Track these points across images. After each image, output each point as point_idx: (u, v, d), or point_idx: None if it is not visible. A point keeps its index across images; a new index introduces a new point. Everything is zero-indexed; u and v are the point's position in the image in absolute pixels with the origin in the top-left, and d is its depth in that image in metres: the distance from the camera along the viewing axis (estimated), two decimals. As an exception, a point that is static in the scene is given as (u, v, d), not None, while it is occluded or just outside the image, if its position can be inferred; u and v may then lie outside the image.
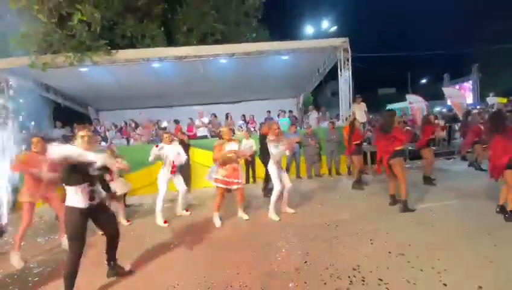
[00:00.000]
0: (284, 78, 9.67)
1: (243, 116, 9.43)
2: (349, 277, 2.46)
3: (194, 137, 7.99)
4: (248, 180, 6.87)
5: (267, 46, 7.67)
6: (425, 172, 5.64)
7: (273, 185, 4.24)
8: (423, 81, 29.66)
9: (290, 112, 10.12)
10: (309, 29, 14.26)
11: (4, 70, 6.78)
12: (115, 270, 2.80)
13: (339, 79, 8.20)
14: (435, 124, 5.74)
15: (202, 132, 8.43)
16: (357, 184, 5.69)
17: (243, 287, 2.44)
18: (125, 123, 9.60)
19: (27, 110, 6.92)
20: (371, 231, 3.42)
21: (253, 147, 5.52)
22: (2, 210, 4.38)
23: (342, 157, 7.30)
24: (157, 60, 7.52)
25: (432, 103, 15.05)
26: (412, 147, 8.81)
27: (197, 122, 8.55)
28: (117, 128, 9.45)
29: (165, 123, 8.98)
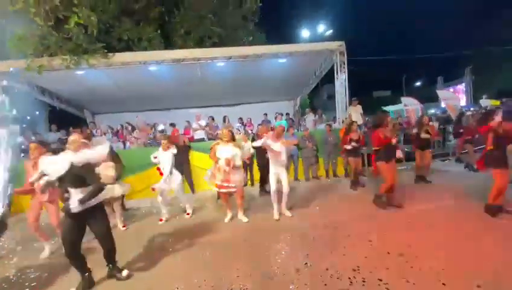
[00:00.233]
0: (281, 81, 9.74)
1: (240, 119, 9.44)
2: (349, 278, 2.47)
3: (192, 140, 7.97)
4: (246, 183, 6.86)
5: (264, 49, 7.74)
6: (419, 172, 5.81)
7: (270, 187, 4.30)
8: (417, 83, 30.08)
9: (287, 115, 10.17)
10: (305, 33, 14.40)
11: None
12: (112, 273, 2.81)
13: (336, 82, 8.29)
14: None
15: (199, 134, 8.42)
16: (353, 185, 5.79)
17: (243, 290, 2.44)
18: (122, 126, 9.53)
19: (22, 114, 6.84)
20: (370, 231, 3.44)
21: (251, 150, 5.52)
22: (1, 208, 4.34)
23: (339, 159, 7.34)
24: (154, 63, 7.51)
25: (426, 105, 15.24)
26: (408, 149, 8.94)
27: (194, 125, 8.54)
28: (113, 131, 9.39)
29: (161, 126, 8.94)
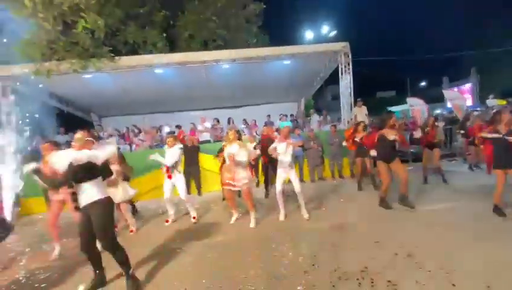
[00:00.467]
0: (285, 82, 9.75)
1: (244, 120, 9.48)
2: (357, 279, 2.46)
3: (197, 142, 8.02)
4: (257, 183, 6.82)
5: (269, 51, 7.76)
6: (426, 173, 5.82)
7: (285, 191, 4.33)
8: (422, 84, 29.80)
9: (292, 116, 10.17)
10: (309, 34, 14.40)
11: (8, 77, 6.85)
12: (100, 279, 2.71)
13: (340, 83, 8.27)
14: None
15: (205, 136, 8.47)
16: (359, 187, 5.77)
17: (251, 291, 2.44)
18: (128, 129, 9.63)
19: (31, 117, 6.95)
20: (377, 232, 3.42)
21: (257, 151, 5.53)
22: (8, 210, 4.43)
23: (345, 161, 7.32)
24: (160, 66, 7.59)
25: (432, 106, 15.10)
26: (414, 150, 8.86)
27: (200, 127, 8.60)
28: (119, 134, 9.49)
29: (167, 128, 9.02)
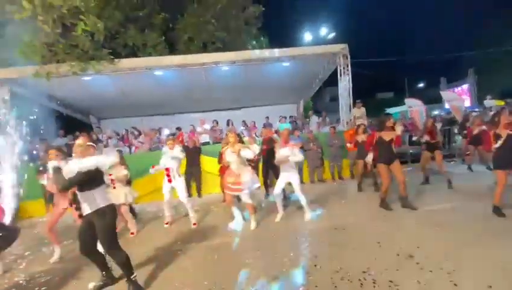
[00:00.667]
0: (285, 84, 9.79)
1: (244, 122, 9.49)
2: (359, 280, 2.46)
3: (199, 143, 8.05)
4: (259, 185, 6.84)
5: (268, 53, 7.79)
6: (426, 173, 5.81)
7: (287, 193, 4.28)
8: (420, 85, 29.95)
9: (291, 118, 10.19)
10: (308, 36, 14.47)
11: (8, 80, 6.84)
12: (104, 281, 2.73)
13: (339, 84, 8.31)
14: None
15: (204, 138, 8.48)
16: (359, 188, 5.77)
17: (254, 292, 2.44)
18: (127, 131, 9.62)
19: (30, 120, 6.94)
20: (378, 233, 3.43)
21: (257, 152, 5.53)
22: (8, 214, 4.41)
23: (344, 162, 7.33)
24: (160, 68, 7.61)
25: (430, 107, 15.17)
26: (413, 151, 8.89)
27: (199, 129, 8.60)
28: (118, 136, 9.48)
29: (167, 130, 9.02)
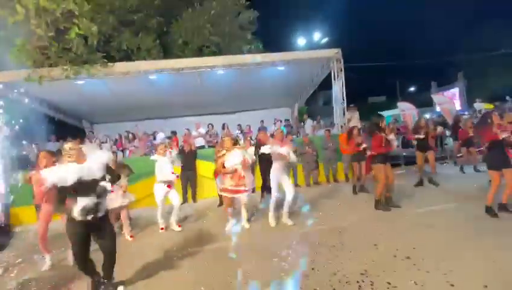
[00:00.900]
0: (279, 88, 9.84)
1: (239, 126, 9.49)
2: (357, 282, 2.47)
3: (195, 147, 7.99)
4: (254, 189, 6.83)
5: (262, 57, 7.84)
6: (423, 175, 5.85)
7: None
8: (412, 89, 30.50)
9: (286, 121, 10.25)
10: (301, 41, 14.65)
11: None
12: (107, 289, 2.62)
13: (333, 88, 8.41)
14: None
15: (199, 142, 8.43)
16: (354, 190, 5.82)
17: (252, 296, 2.43)
18: (120, 136, 9.52)
19: (20, 125, 6.79)
20: (375, 235, 3.46)
21: (253, 157, 5.54)
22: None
23: (339, 165, 7.38)
24: (154, 72, 7.57)
25: (421, 110, 15.45)
26: (406, 153, 9.03)
27: (194, 133, 8.56)
28: (112, 141, 9.36)
29: (162, 135, 8.95)
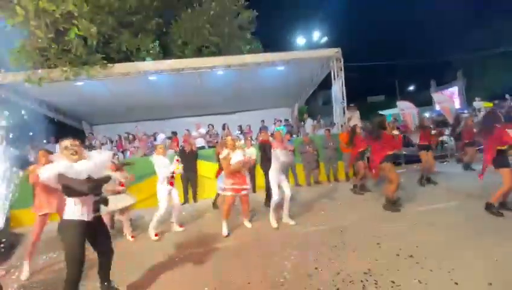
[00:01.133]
0: (279, 88, 9.85)
1: (239, 126, 9.48)
2: (361, 281, 2.46)
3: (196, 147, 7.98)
4: (253, 190, 6.82)
5: (262, 57, 7.85)
6: (425, 173, 5.77)
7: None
8: (411, 88, 30.51)
9: (286, 120, 10.24)
10: (300, 41, 14.65)
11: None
12: None
13: (332, 88, 8.41)
14: (429, 128, 5.94)
15: (199, 142, 8.42)
16: (358, 190, 5.78)
17: (256, 296, 2.41)
18: (119, 137, 9.50)
19: (20, 126, 6.78)
20: (377, 234, 3.44)
21: (254, 156, 5.53)
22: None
23: (340, 164, 7.38)
24: (154, 73, 7.56)
25: (421, 109, 15.46)
26: (407, 152, 9.03)
27: (194, 134, 8.55)
28: (112, 142, 9.35)
29: (162, 135, 8.94)
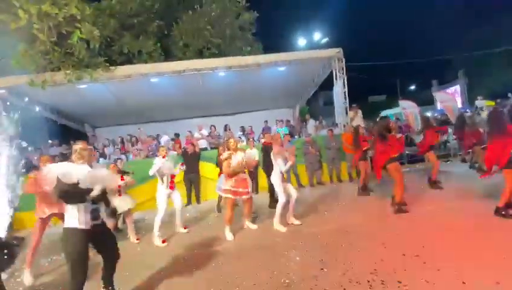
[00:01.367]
0: (281, 89, 9.86)
1: (241, 127, 9.48)
2: (368, 281, 2.45)
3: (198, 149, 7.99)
4: (256, 191, 6.81)
5: (264, 58, 7.87)
6: (431, 175, 5.68)
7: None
8: (412, 87, 30.42)
9: (288, 121, 10.24)
10: (301, 41, 14.66)
11: (2, 88, 6.74)
12: None
13: (334, 88, 8.41)
14: (435, 127, 5.92)
15: (202, 143, 8.43)
16: (362, 190, 5.74)
17: (262, 297, 2.40)
18: (122, 139, 9.51)
19: (24, 129, 6.81)
20: (382, 234, 3.43)
21: (256, 157, 5.51)
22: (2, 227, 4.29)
23: (343, 164, 7.37)
24: (156, 75, 7.59)
25: (423, 109, 15.41)
26: (410, 152, 8.99)
27: (196, 135, 8.56)
28: (115, 145, 9.36)
29: (165, 137, 8.95)
